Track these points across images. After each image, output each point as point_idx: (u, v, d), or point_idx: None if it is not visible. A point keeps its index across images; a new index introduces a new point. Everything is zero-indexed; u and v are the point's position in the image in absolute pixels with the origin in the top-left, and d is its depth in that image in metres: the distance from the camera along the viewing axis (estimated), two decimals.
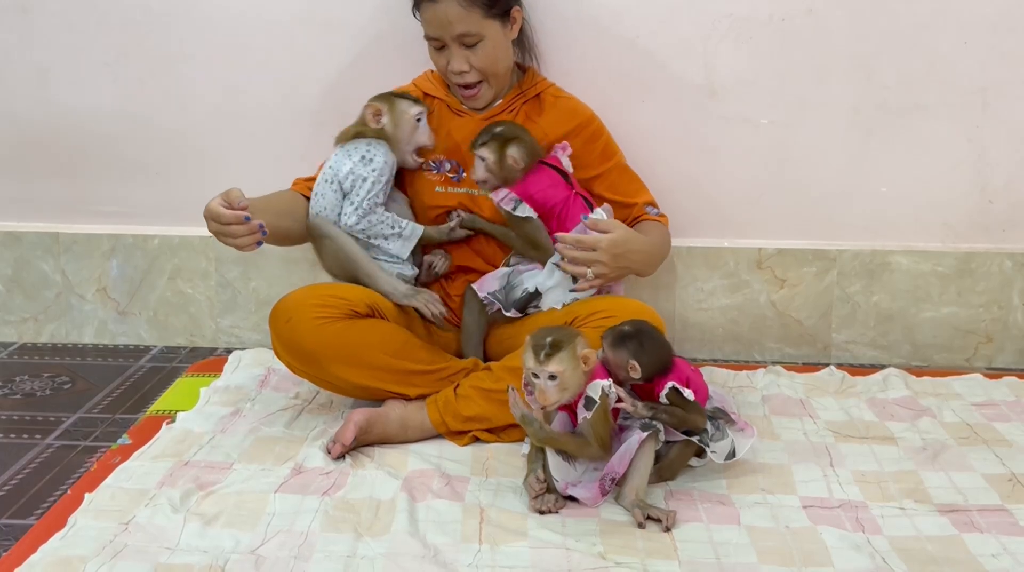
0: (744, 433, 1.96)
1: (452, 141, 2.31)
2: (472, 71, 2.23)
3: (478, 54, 2.21)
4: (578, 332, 1.86)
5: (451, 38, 2.19)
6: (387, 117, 2.22)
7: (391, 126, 2.23)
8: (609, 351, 1.88)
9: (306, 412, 2.26)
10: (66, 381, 2.52)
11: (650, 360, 1.87)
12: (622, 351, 1.87)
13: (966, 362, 2.66)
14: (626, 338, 1.88)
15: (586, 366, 1.80)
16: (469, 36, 2.19)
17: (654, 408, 1.86)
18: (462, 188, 2.30)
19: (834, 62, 2.53)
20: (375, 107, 2.23)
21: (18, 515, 1.86)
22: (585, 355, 1.79)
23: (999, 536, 1.77)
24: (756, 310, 2.67)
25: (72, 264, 2.74)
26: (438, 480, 1.94)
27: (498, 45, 2.24)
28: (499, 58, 2.26)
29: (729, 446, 1.92)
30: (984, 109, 2.54)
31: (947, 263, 2.62)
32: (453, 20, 2.17)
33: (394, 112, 2.23)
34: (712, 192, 2.62)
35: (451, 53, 2.22)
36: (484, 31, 2.20)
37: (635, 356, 1.85)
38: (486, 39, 2.21)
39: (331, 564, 1.66)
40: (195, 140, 2.66)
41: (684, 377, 1.89)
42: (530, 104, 2.34)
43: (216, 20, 2.57)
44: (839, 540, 1.74)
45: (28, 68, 2.64)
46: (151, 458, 2.02)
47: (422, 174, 2.32)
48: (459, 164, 2.30)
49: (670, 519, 1.78)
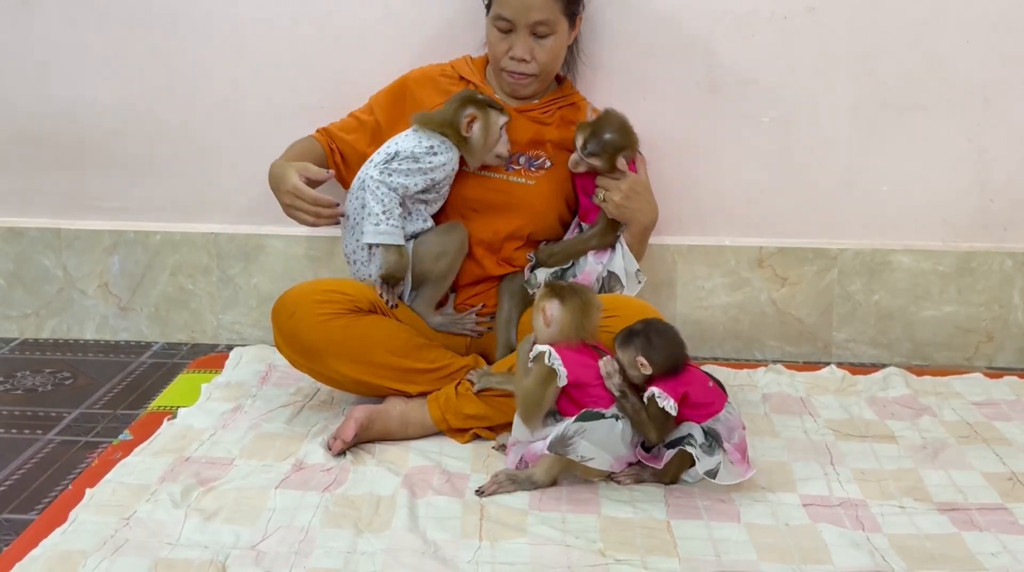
0: (734, 467, 1.87)
1: None
2: (532, 62, 2.24)
3: (544, 47, 2.23)
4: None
5: (525, 24, 2.20)
6: (479, 124, 2.19)
7: (479, 136, 2.20)
8: (618, 351, 1.88)
9: (307, 408, 2.26)
10: (67, 377, 2.52)
11: (660, 356, 1.85)
12: (629, 348, 1.87)
13: (966, 361, 2.66)
14: (633, 335, 1.88)
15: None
16: (544, 25, 2.21)
17: (624, 395, 1.84)
18: (496, 174, 2.29)
19: (835, 60, 2.53)
20: (473, 115, 2.18)
21: (19, 510, 1.87)
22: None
23: (998, 534, 1.77)
24: (757, 308, 2.67)
25: (73, 260, 2.74)
26: (438, 476, 1.94)
27: (562, 44, 2.28)
28: (558, 57, 2.30)
29: (714, 464, 1.85)
30: (985, 108, 2.54)
31: (948, 262, 2.62)
32: (536, 6, 2.18)
33: (487, 122, 2.20)
34: (713, 190, 2.62)
35: (517, 39, 2.22)
36: (557, 26, 2.23)
37: (644, 353, 1.85)
38: (556, 35, 2.24)
39: (331, 560, 1.66)
40: (197, 136, 2.66)
41: (680, 392, 1.84)
42: (566, 110, 2.35)
43: (217, 15, 2.57)
44: (839, 538, 1.74)
45: (29, 63, 2.64)
46: (152, 454, 2.03)
47: None
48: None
49: (490, 488, 1.88)
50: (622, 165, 2.18)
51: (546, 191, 2.30)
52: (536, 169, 2.30)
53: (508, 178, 2.29)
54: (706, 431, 1.87)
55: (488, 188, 2.28)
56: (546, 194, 2.30)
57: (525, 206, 2.29)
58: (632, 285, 2.23)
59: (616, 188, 2.18)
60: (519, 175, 2.29)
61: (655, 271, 2.62)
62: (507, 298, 2.28)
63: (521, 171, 2.29)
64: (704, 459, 1.85)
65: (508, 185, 2.28)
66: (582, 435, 1.83)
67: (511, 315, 2.27)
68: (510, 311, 2.27)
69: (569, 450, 1.84)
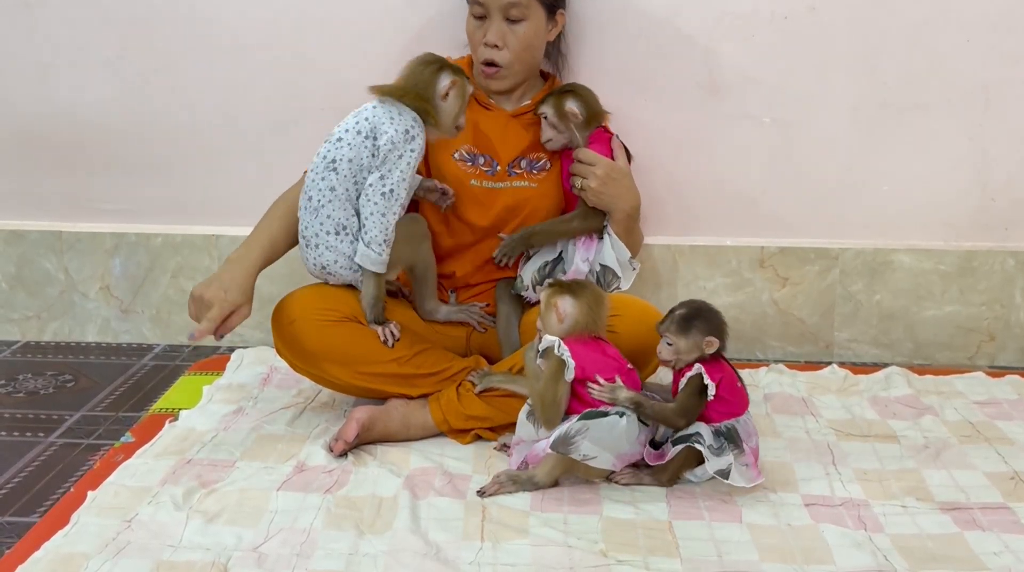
0: (747, 470, 1.87)
1: (482, 135, 2.29)
2: (504, 50, 2.22)
3: (517, 34, 2.21)
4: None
5: (497, 7, 2.20)
6: (455, 91, 2.09)
7: (455, 104, 2.10)
8: (679, 339, 1.87)
9: (308, 410, 2.26)
10: (69, 379, 2.52)
11: (723, 333, 1.88)
12: (693, 331, 1.86)
13: (968, 360, 2.66)
14: (690, 318, 1.88)
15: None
16: (516, 8, 2.19)
17: (639, 405, 1.85)
18: (500, 182, 2.28)
19: (836, 60, 2.53)
20: (454, 81, 2.08)
21: (21, 512, 1.87)
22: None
23: (1001, 534, 1.77)
24: (758, 308, 2.67)
25: (75, 262, 2.75)
26: (440, 478, 1.94)
27: (537, 34, 2.25)
28: (533, 47, 2.26)
29: (724, 464, 1.85)
30: (986, 107, 2.54)
31: (949, 261, 2.62)
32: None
33: (463, 89, 2.11)
34: (714, 190, 2.62)
35: (490, 24, 2.21)
36: (531, 11, 2.21)
37: (712, 332, 1.86)
38: (529, 21, 2.22)
39: (333, 561, 1.66)
40: (198, 138, 2.66)
41: (717, 378, 1.85)
42: None
43: (218, 17, 2.57)
44: (840, 538, 1.74)
45: (30, 64, 2.64)
46: (154, 456, 2.03)
47: (455, 166, 2.27)
48: (492, 158, 2.28)
49: (491, 489, 1.89)
50: (571, 108, 2.18)
51: (549, 192, 2.29)
52: (538, 171, 2.29)
53: (511, 184, 2.27)
54: (718, 431, 1.87)
55: (494, 200, 2.27)
56: (550, 195, 2.30)
57: (531, 210, 2.28)
58: (628, 275, 2.22)
59: (592, 174, 2.16)
60: (522, 179, 2.28)
61: (656, 272, 2.62)
62: (506, 301, 2.28)
63: (524, 175, 2.29)
64: (713, 459, 1.85)
65: (513, 191, 2.27)
66: (584, 434, 1.83)
67: (510, 317, 2.26)
68: (509, 313, 2.26)
69: (572, 449, 1.84)
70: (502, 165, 2.27)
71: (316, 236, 2.08)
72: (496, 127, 2.29)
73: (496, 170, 2.28)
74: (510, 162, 2.28)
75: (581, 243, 2.22)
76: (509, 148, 2.28)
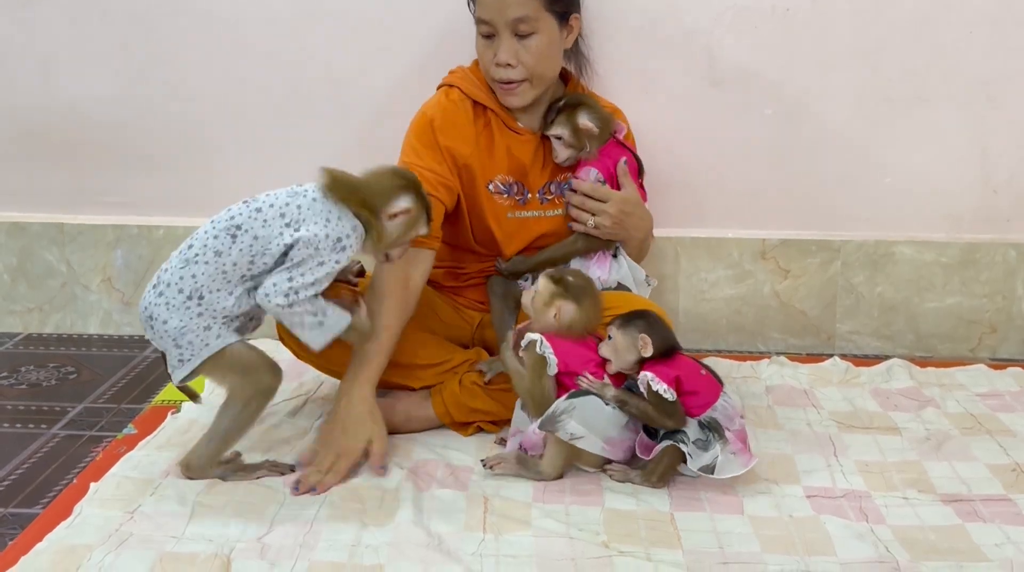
0: (737, 457, 1.85)
1: (515, 160, 2.18)
2: (518, 67, 2.09)
3: (529, 48, 2.08)
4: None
5: (504, 23, 2.07)
6: (404, 220, 1.84)
7: (397, 231, 1.85)
8: (618, 332, 1.88)
9: (311, 401, 2.27)
10: (71, 371, 2.52)
11: (659, 336, 1.87)
12: (631, 329, 1.87)
13: (970, 352, 2.66)
14: (634, 317, 1.90)
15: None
16: (524, 23, 2.06)
17: (624, 399, 1.86)
18: (529, 211, 2.20)
19: (838, 53, 2.52)
20: (408, 211, 1.83)
21: (24, 504, 1.87)
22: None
23: (1002, 526, 1.77)
24: (760, 301, 2.67)
25: (77, 254, 2.75)
26: (442, 469, 1.94)
27: (551, 44, 2.12)
28: (548, 58, 2.13)
29: (711, 460, 1.83)
30: (988, 101, 2.54)
31: (951, 253, 2.62)
32: (511, 2, 2.05)
33: (414, 224, 1.86)
34: (716, 182, 2.62)
35: (500, 43, 2.09)
36: (540, 24, 2.08)
37: (645, 331, 1.86)
38: (540, 34, 2.09)
39: (336, 553, 1.66)
40: (199, 131, 2.66)
41: (672, 376, 1.84)
42: None
43: (219, 11, 2.57)
44: (842, 529, 1.74)
45: (31, 58, 2.64)
46: (156, 447, 2.03)
47: (492, 201, 2.18)
48: (523, 185, 2.20)
49: (496, 464, 1.92)
50: (586, 124, 2.11)
51: None
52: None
53: (544, 213, 2.21)
54: (703, 424, 1.87)
55: (527, 228, 2.21)
56: None
57: (563, 233, 2.21)
58: (644, 292, 2.21)
59: (604, 213, 2.11)
60: (554, 206, 2.21)
61: (658, 264, 2.62)
62: (498, 295, 2.25)
63: (555, 201, 2.21)
64: (698, 455, 1.85)
65: (548, 221, 2.21)
66: (571, 413, 1.84)
67: (504, 314, 2.24)
68: (502, 307, 2.25)
69: (559, 427, 1.85)
70: (532, 192, 2.20)
71: (168, 286, 1.81)
72: (528, 152, 2.19)
73: (527, 198, 2.21)
74: (540, 188, 2.21)
75: (595, 260, 2.18)
76: (540, 173, 2.21)
